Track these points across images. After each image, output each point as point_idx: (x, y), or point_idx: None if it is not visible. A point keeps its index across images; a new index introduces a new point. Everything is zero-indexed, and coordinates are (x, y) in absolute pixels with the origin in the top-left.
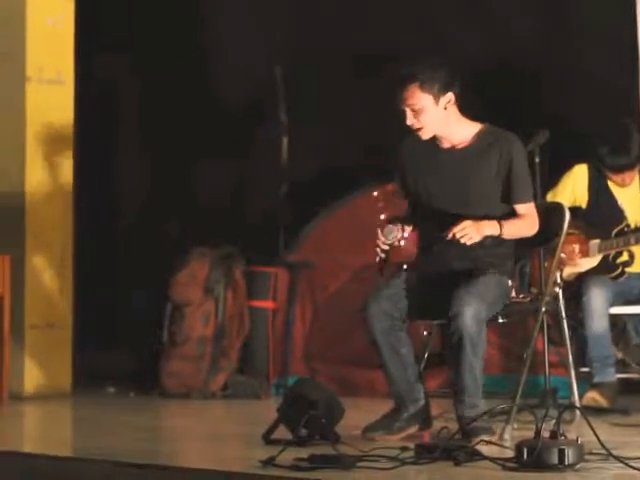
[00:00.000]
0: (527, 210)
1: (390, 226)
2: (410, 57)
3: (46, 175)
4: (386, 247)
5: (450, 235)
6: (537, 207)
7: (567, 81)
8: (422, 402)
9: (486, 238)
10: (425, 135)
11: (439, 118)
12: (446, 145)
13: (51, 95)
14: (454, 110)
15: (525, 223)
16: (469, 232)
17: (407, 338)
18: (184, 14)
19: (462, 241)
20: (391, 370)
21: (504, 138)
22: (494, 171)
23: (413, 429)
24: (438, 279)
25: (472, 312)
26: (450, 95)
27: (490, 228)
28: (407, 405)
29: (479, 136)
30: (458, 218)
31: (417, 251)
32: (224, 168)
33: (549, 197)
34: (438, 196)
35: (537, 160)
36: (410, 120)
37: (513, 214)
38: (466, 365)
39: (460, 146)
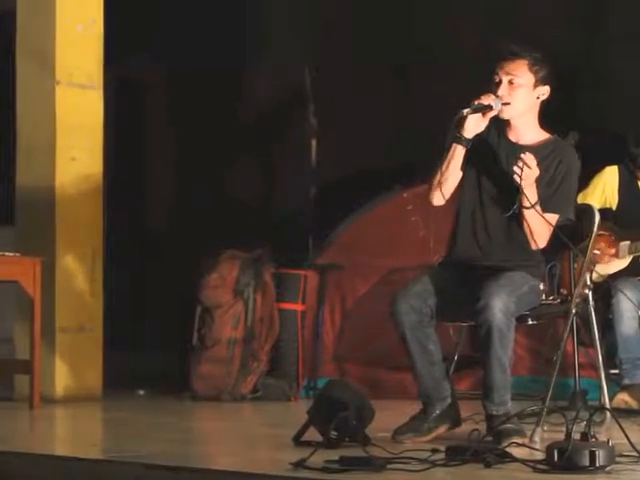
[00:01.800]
0: (553, 222)
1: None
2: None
3: (76, 178)
4: (487, 102)
5: (522, 156)
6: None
7: (600, 83)
8: (449, 400)
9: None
10: (507, 113)
11: (528, 104)
12: (512, 138)
13: (81, 99)
14: (539, 107)
15: (547, 228)
16: (529, 167)
17: (435, 335)
18: (213, 16)
19: (519, 166)
20: (418, 366)
21: (567, 150)
22: (548, 175)
23: (442, 429)
24: (467, 280)
25: (501, 304)
26: (547, 89)
27: (532, 191)
28: (434, 404)
29: (545, 142)
30: (501, 207)
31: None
32: (254, 171)
33: (579, 198)
34: (487, 179)
35: None
36: (503, 91)
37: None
38: (494, 360)
39: (524, 144)
